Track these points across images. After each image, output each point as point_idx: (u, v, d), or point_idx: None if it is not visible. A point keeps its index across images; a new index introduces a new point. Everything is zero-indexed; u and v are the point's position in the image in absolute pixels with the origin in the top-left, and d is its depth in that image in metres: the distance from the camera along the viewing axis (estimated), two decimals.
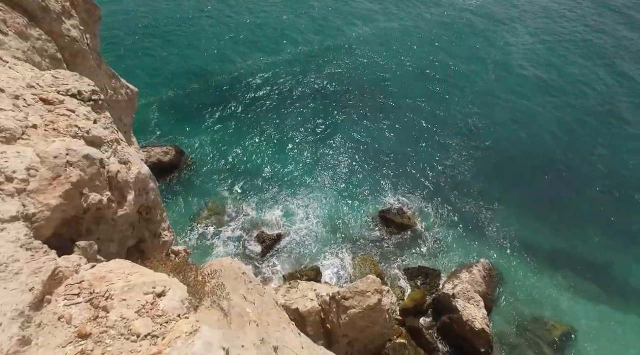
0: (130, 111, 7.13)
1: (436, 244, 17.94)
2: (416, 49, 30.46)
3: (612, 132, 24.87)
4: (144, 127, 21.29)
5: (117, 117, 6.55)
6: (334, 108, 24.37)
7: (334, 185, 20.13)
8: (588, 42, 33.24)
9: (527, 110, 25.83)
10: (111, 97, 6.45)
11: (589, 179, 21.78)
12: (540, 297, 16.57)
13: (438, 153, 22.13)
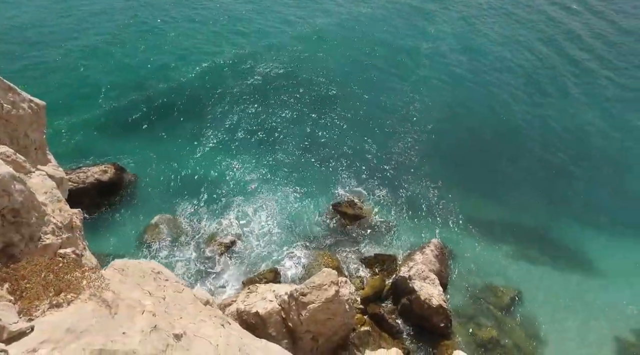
0: (38, 126, 6.76)
1: (389, 230, 18.46)
2: (354, 43, 31.08)
3: (543, 105, 26.70)
4: (77, 147, 20.21)
5: (20, 132, 6.21)
6: (275, 107, 24.34)
7: (284, 185, 20.12)
8: (513, 25, 35.28)
9: (463, 92, 27.20)
10: (9, 112, 6.08)
11: (524, 152, 23.28)
12: (489, 266, 17.56)
13: (382, 141, 22.76)
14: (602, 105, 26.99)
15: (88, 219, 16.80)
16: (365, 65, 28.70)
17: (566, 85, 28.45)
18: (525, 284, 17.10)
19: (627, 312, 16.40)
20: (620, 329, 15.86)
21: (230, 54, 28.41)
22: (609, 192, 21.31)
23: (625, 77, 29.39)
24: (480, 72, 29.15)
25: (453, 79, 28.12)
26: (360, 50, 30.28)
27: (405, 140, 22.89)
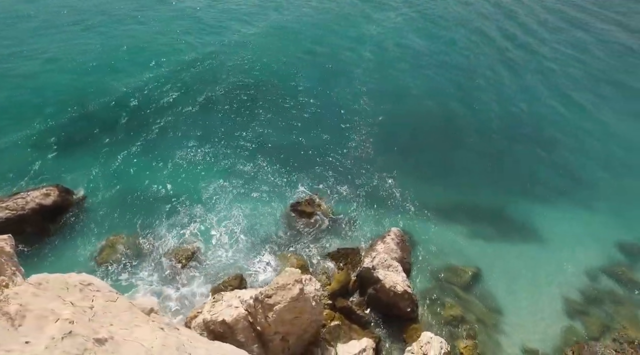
0: None
1: (350, 224, 18.78)
2: (299, 42, 31.34)
3: (482, 90, 28.12)
4: (13, 170, 18.99)
5: None
6: (226, 112, 24.08)
7: (242, 190, 19.93)
8: (449, 18, 36.91)
9: (407, 82, 28.19)
10: None
11: (469, 135, 24.42)
12: (448, 248, 18.27)
13: (336, 137, 23.11)
14: (535, 85, 28.84)
15: (30, 249, 15.97)
16: (312, 63, 29.04)
17: (501, 69, 30.16)
18: (482, 260, 17.94)
19: (571, 274, 17.66)
20: (567, 291, 17.05)
21: (177, 59, 27.85)
22: (547, 167, 22.81)
23: (553, 59, 31.53)
24: (422, 62, 30.29)
25: (397, 71, 29.06)
26: (306, 49, 30.58)
27: (359, 133, 23.39)
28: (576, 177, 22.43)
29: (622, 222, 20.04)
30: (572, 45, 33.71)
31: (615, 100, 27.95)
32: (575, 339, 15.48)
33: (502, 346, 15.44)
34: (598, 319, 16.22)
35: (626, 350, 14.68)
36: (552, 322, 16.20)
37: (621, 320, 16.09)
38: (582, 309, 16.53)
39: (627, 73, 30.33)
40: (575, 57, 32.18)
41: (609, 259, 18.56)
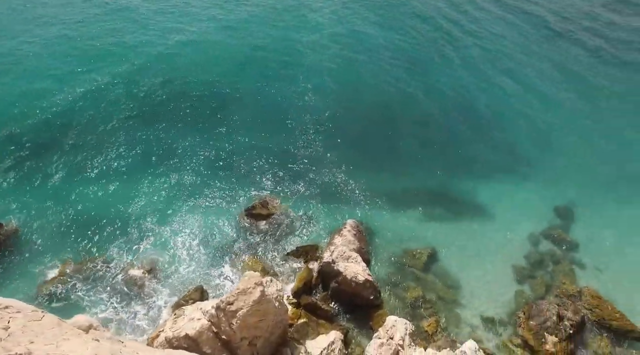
0: None
1: (307, 221, 18.93)
2: (236, 45, 31.05)
3: (420, 78, 29.18)
4: None
5: None
6: (166, 122, 23.31)
7: (194, 200, 19.45)
8: (386, 7, 37.95)
9: (349, 75, 28.74)
10: None
11: (413, 121, 25.34)
12: (403, 233, 18.94)
13: (284, 136, 23.12)
14: (473, 69, 30.44)
15: None
16: (254, 62, 28.91)
17: (441, 56, 31.51)
18: (436, 240, 18.77)
19: (516, 242, 18.97)
20: (514, 258, 18.29)
21: (110, 67, 26.61)
22: (487, 145, 24.19)
23: (490, 43, 33.43)
24: (364, 54, 31.03)
25: (340, 64, 29.59)
26: (248, 47, 30.41)
27: (306, 130, 23.59)
28: (512, 152, 23.99)
29: (554, 189, 21.73)
30: (506, 29, 35.72)
31: (545, 79, 29.98)
32: (524, 301, 16.64)
33: (463, 318, 16.28)
34: (542, 279, 17.54)
35: (566, 303, 16.00)
36: (503, 289, 17.31)
37: (561, 277, 17.54)
38: (528, 273, 17.79)
39: (556, 54, 32.71)
40: (509, 40, 34.06)
41: (547, 223, 20.08)
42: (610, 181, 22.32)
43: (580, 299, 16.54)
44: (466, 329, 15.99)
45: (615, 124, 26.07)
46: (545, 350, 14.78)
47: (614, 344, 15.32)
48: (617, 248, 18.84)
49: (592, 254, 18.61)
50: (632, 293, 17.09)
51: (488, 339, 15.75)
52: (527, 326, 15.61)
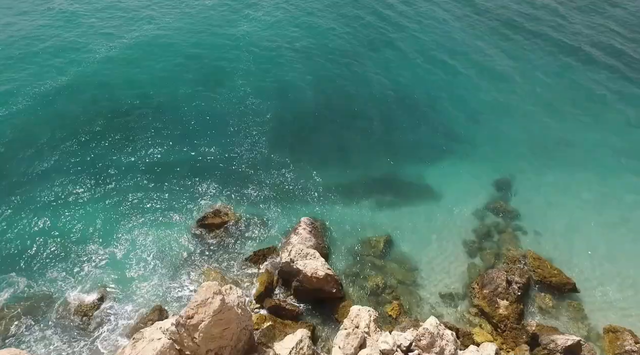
0: None
1: (261, 224, 18.81)
2: (175, 48, 30.27)
3: (366, 68, 29.77)
4: None
5: None
6: (102, 140, 22.24)
7: (142, 219, 18.68)
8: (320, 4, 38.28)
9: (292, 73, 28.75)
10: None
11: (354, 114, 25.76)
12: (358, 223, 19.34)
13: (229, 142, 22.75)
14: (407, 57, 31.39)
15: None
16: (190, 70, 28.09)
17: (376, 47, 32.19)
18: (390, 226, 19.35)
19: (464, 219, 19.99)
20: (463, 234, 19.28)
21: (25, 91, 24.85)
22: (427, 129, 25.14)
23: (419, 32, 34.68)
24: (301, 52, 31.13)
25: (278, 64, 29.50)
26: (183, 56, 29.49)
27: (250, 134, 23.35)
28: (450, 133, 25.14)
29: (491, 163, 23.08)
30: (436, 20, 37.03)
31: (473, 63, 31.51)
32: (477, 272, 17.62)
33: (423, 298, 16.95)
34: (490, 250, 18.65)
35: (513, 268, 17.14)
36: (457, 264, 18.22)
37: (506, 245, 18.75)
38: (477, 246, 18.83)
39: (480, 40, 34.52)
40: (439, 30, 35.37)
41: (489, 197, 21.31)
42: (538, 150, 24.06)
43: (524, 262, 17.76)
44: (427, 307, 16.66)
45: (537, 100, 28.07)
46: (499, 315, 15.75)
47: (555, 298, 16.68)
48: (550, 210, 20.45)
49: (530, 219, 20.03)
50: (565, 249, 18.69)
51: (448, 313, 16.53)
52: (481, 295, 16.54)
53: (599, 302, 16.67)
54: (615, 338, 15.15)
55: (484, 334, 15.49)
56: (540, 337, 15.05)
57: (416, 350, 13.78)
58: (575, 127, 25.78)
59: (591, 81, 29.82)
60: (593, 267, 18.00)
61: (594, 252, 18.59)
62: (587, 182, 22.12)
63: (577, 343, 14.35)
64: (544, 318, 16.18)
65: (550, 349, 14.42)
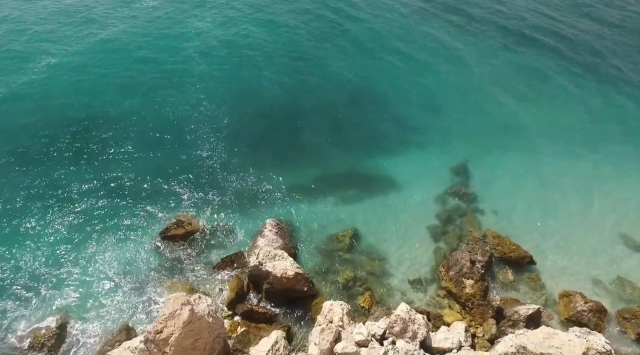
0: None
1: (226, 230, 18.55)
2: (123, 55, 29.30)
3: (322, 64, 29.98)
4: None
5: None
6: (46, 158, 21.12)
7: (102, 236, 17.95)
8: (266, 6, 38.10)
9: (246, 75, 28.42)
10: None
11: (316, 110, 25.81)
12: (324, 220, 19.46)
13: (184, 151, 22.21)
14: (362, 53, 31.89)
15: None
16: (136, 80, 27.15)
17: (330, 43, 32.44)
18: (355, 220, 19.60)
19: (426, 205, 20.59)
20: (427, 220, 19.84)
21: None
22: (385, 121, 25.64)
23: (376, 25, 35.31)
24: (253, 53, 30.89)
25: (230, 67, 29.10)
26: (126, 65, 28.45)
27: (207, 140, 22.91)
28: (408, 123, 25.79)
29: (448, 149, 23.90)
30: (388, 11, 37.69)
31: (427, 52, 32.38)
32: (442, 256, 18.21)
33: (393, 287, 17.32)
34: (453, 232, 19.34)
35: (475, 248, 17.87)
36: (423, 249, 18.73)
37: (468, 226, 19.50)
38: (441, 230, 19.45)
39: (433, 29, 35.56)
40: (392, 21, 36.04)
41: (449, 182, 22.05)
42: (491, 134, 25.18)
43: (485, 241, 18.55)
44: (398, 294, 17.03)
45: (488, 85, 29.34)
46: (466, 294, 16.37)
47: (515, 272, 17.58)
48: (505, 190, 21.48)
49: (487, 200, 20.93)
50: (520, 225, 19.70)
51: (419, 298, 16.98)
52: (447, 277, 17.11)
53: (553, 270, 17.73)
54: (568, 301, 16.19)
55: (454, 313, 16.04)
56: (504, 310, 15.79)
57: (390, 337, 14.10)
58: (525, 109, 27.20)
59: (536, 63, 31.62)
60: (544, 239, 19.09)
61: (543, 224, 19.70)
62: (537, 161, 23.40)
63: (537, 311, 15.18)
64: (507, 292, 16.98)
65: (514, 319, 15.15)
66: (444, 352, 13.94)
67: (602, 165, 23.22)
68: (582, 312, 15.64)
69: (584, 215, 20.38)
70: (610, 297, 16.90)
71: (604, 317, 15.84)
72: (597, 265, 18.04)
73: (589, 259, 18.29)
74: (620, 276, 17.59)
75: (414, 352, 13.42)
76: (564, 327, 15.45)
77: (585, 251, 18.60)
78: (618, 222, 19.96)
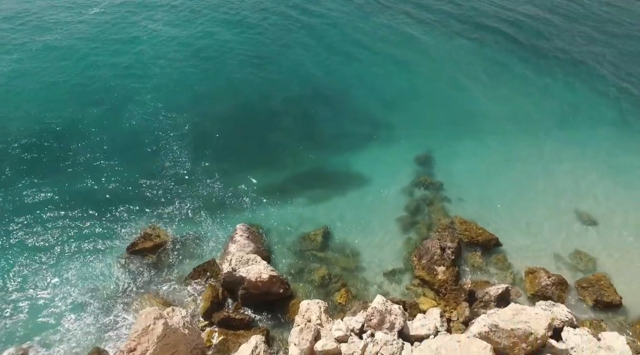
0: None
1: (196, 240, 18.19)
2: (71, 62, 28.09)
3: (282, 64, 29.79)
4: None
5: None
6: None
7: (65, 256, 17.18)
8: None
9: (205, 78, 27.78)
10: None
11: (279, 111, 25.62)
12: (295, 220, 19.41)
13: (146, 162, 21.53)
14: (323, 50, 31.93)
15: None
16: (88, 90, 26.06)
17: (287, 46, 32.26)
18: (326, 218, 19.64)
19: (394, 198, 20.95)
20: (396, 212, 20.13)
21: None
22: (348, 118, 25.79)
23: (337, 21, 35.48)
24: (213, 56, 30.25)
25: (188, 73, 28.23)
26: (77, 75, 27.29)
27: (169, 149, 22.30)
28: (370, 118, 26.08)
29: (413, 142, 24.31)
30: (347, 6, 38.06)
31: (387, 45, 32.90)
32: (414, 246, 18.62)
33: (368, 280, 17.53)
34: (423, 222, 19.80)
35: (444, 235, 18.39)
36: (394, 241, 19.06)
37: (436, 215, 20.03)
38: (410, 221, 19.86)
39: (393, 21, 36.16)
40: (341, 19, 36.31)
41: (414, 174, 22.51)
42: (452, 123, 25.85)
43: (453, 228, 19.13)
44: (373, 288, 17.25)
45: (449, 74, 30.13)
46: (438, 280, 16.82)
47: (483, 254, 18.22)
48: (468, 176, 22.15)
49: (452, 187, 21.54)
50: (485, 209, 20.40)
51: (394, 289, 17.28)
52: (420, 266, 17.52)
53: (517, 250, 18.51)
54: (534, 278, 16.99)
55: (429, 301, 16.42)
56: (476, 292, 16.35)
57: (369, 330, 14.29)
58: (484, 96, 28.14)
59: (491, 51, 32.77)
60: (508, 220, 19.83)
61: (506, 206, 20.51)
62: (497, 145, 24.28)
63: (506, 289, 15.82)
64: (477, 274, 17.58)
65: (485, 300, 15.72)
66: (422, 339, 14.26)
67: (558, 147, 24.39)
68: (546, 287, 16.45)
69: (542, 195, 21.37)
70: (569, 269, 17.87)
71: (565, 288, 16.77)
72: (556, 241, 19.00)
73: (549, 236, 19.23)
74: (577, 249, 18.63)
75: (392, 342, 13.66)
76: (531, 302, 16.21)
77: (545, 229, 19.54)
78: (573, 199, 21.07)
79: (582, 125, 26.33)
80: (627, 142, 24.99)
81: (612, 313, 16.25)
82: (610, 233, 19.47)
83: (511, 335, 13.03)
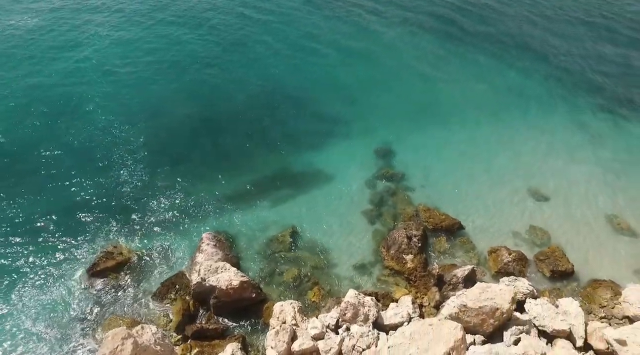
0: None
1: (162, 254, 17.65)
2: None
3: (237, 66, 29.41)
4: None
5: None
6: None
7: (17, 283, 16.16)
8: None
9: (155, 91, 26.89)
10: None
11: (235, 114, 25.17)
12: (260, 223, 19.24)
13: (100, 180, 20.60)
14: (280, 49, 31.64)
15: None
16: (30, 103, 24.51)
17: (242, 48, 31.80)
18: (292, 218, 19.58)
19: (358, 192, 21.21)
20: (361, 206, 20.41)
21: None
22: (306, 116, 25.75)
23: (287, 22, 35.24)
24: (166, 60, 29.46)
25: (139, 83, 27.16)
26: (12, 88, 25.65)
27: (124, 162, 21.42)
28: (330, 116, 26.10)
29: (372, 136, 24.64)
30: (291, 7, 37.76)
31: (341, 38, 33.19)
32: (381, 237, 18.96)
33: (339, 276, 17.67)
34: (388, 213, 20.19)
35: (410, 224, 18.84)
36: (362, 235, 19.31)
37: (400, 205, 20.50)
38: (375, 213, 20.20)
39: (346, 14, 36.36)
40: (295, 16, 36.08)
41: (376, 167, 22.87)
42: (409, 115, 26.46)
43: (418, 216, 19.65)
44: (345, 282, 17.40)
45: (403, 68, 30.74)
46: (408, 269, 17.24)
47: (448, 239, 18.86)
48: (428, 165, 22.77)
49: (414, 177, 22.10)
50: (446, 195, 21.08)
51: (366, 282, 17.52)
52: (389, 256, 17.88)
53: (479, 231, 19.30)
54: (496, 256, 17.81)
55: (400, 289, 16.80)
56: (444, 276, 16.89)
57: (344, 324, 14.44)
58: (438, 87, 28.89)
59: (444, 42, 33.66)
60: (467, 203, 20.57)
61: (464, 190, 21.29)
62: (452, 133, 25.06)
63: (472, 270, 16.46)
64: (444, 259, 18.17)
65: (453, 283, 16.28)
66: (396, 327, 14.57)
67: (508, 130, 25.57)
68: (508, 263, 17.27)
69: (497, 176, 22.35)
70: (527, 244, 18.86)
71: (525, 263, 17.71)
72: (513, 219, 19.97)
73: (507, 215, 20.18)
74: (532, 225, 19.69)
75: (368, 333, 13.88)
76: (495, 280, 16.96)
77: (502, 208, 20.49)
78: (525, 178, 22.19)
79: (529, 110, 27.70)
80: (573, 121, 26.60)
81: (566, 281, 17.38)
82: (561, 207, 20.73)
83: (479, 312, 13.59)
